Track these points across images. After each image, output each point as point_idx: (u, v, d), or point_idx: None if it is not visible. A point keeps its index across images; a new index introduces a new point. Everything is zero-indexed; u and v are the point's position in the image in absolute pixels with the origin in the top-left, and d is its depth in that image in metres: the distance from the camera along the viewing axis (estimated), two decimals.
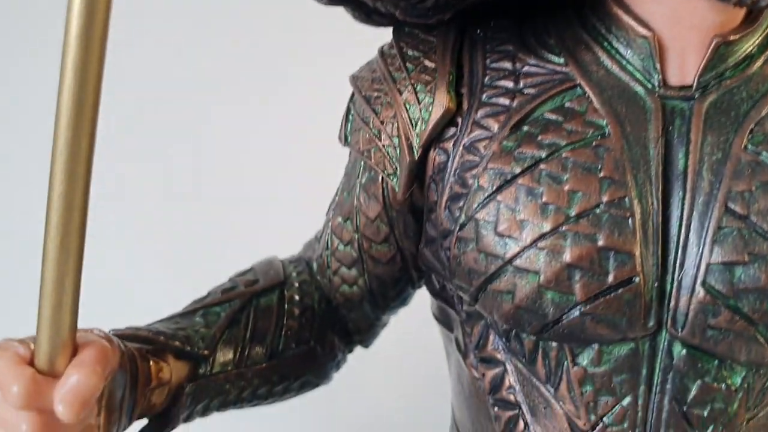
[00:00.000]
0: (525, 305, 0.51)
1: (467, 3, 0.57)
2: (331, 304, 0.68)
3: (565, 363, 0.53)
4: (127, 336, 0.57)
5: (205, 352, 0.60)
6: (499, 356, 0.57)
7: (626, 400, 0.52)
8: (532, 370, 0.55)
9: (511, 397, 0.56)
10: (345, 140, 0.64)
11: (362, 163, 0.63)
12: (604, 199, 0.50)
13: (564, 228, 0.50)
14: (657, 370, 0.51)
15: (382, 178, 0.60)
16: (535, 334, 0.53)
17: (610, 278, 0.49)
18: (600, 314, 0.50)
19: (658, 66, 0.52)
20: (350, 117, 0.63)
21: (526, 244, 0.51)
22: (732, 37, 0.51)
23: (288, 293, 0.65)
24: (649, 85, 0.53)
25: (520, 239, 0.51)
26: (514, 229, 0.51)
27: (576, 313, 0.50)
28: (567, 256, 0.50)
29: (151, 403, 0.57)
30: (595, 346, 0.52)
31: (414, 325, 0.84)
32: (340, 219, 0.66)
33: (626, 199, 0.50)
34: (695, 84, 0.52)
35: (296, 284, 0.66)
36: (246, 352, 0.61)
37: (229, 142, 1.22)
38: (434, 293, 0.63)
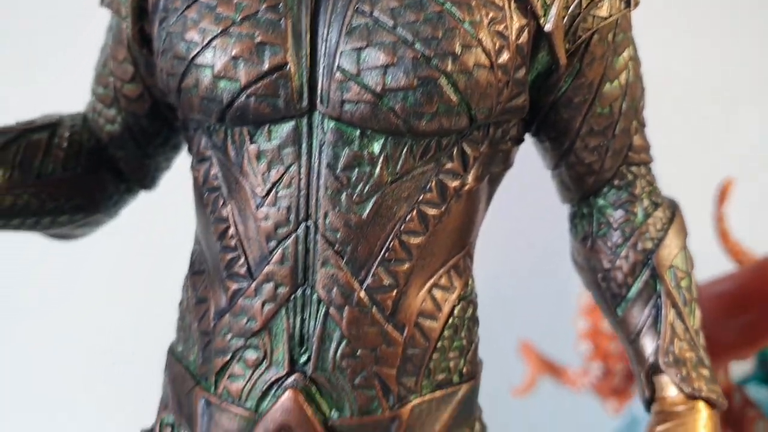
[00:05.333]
0: (206, 95, 0.65)
1: None
2: (101, 143, 0.80)
3: (246, 144, 0.67)
4: None
5: None
6: (207, 153, 0.70)
7: (292, 169, 0.66)
8: (227, 156, 0.68)
9: (215, 183, 0.70)
10: None
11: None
12: (263, 6, 0.65)
13: (231, 29, 0.65)
14: (314, 143, 0.66)
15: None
16: (219, 121, 0.66)
17: (266, 65, 0.64)
18: (261, 95, 0.64)
19: None
20: None
21: (203, 45, 0.65)
22: None
23: (59, 131, 0.77)
24: None
25: (199, 42, 0.65)
26: (195, 35, 0.66)
27: (243, 96, 0.64)
28: (233, 51, 0.64)
29: None
30: (266, 126, 0.66)
31: None
32: (100, 67, 0.79)
33: (280, 6, 0.65)
34: None
35: (68, 124, 0.79)
36: (14, 171, 0.73)
37: None
38: (183, 127, 0.75)
